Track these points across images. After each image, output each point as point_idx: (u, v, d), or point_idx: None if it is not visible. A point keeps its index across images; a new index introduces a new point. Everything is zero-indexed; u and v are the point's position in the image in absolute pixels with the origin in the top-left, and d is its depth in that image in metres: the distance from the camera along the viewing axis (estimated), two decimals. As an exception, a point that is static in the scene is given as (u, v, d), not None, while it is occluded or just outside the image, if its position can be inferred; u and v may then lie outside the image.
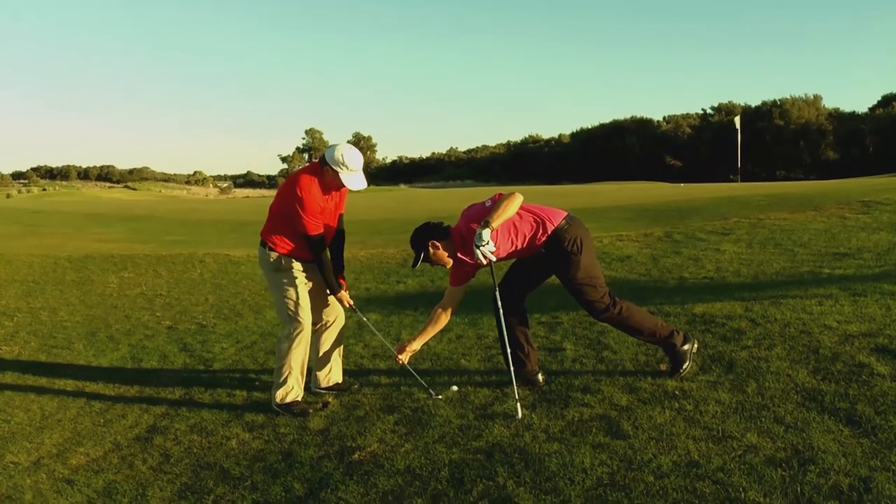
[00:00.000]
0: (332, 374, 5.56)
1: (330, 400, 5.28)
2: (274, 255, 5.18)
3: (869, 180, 29.77)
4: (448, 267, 5.11)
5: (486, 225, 4.68)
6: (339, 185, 5.06)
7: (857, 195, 16.36)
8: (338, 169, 4.96)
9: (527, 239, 4.91)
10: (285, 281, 5.19)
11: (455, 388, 5.25)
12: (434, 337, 6.73)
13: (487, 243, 4.67)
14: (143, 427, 5.17)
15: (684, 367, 5.04)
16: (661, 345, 5.14)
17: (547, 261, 5.01)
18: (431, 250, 4.93)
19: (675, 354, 5.07)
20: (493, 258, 4.78)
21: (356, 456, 4.25)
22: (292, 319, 5.18)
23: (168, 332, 8.16)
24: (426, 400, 5.06)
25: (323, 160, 5.04)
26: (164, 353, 7.12)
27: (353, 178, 5.04)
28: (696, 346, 5.22)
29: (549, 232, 4.89)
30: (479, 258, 4.71)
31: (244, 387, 5.84)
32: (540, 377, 5.23)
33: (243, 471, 4.26)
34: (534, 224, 4.92)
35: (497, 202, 4.79)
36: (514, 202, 4.77)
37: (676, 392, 4.73)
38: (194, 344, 7.43)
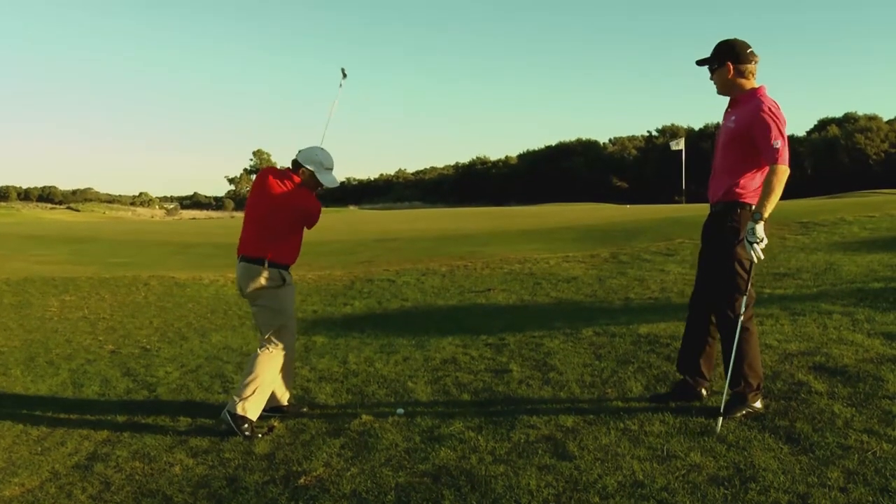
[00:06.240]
0: (280, 396, 5.50)
1: (275, 424, 5.22)
2: (276, 271, 5.23)
3: (807, 202, 30.53)
4: (718, 91, 4.68)
5: (759, 219, 4.22)
6: (316, 183, 5.29)
7: (796, 216, 16.76)
8: (314, 168, 5.23)
9: None
10: (286, 296, 5.32)
11: (401, 410, 5.23)
12: (381, 359, 6.75)
13: (762, 240, 4.23)
14: (82, 454, 5.03)
15: (735, 414, 4.50)
16: (742, 387, 4.55)
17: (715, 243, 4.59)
18: (725, 70, 4.53)
19: (743, 402, 4.56)
20: (762, 256, 4.30)
21: (302, 480, 4.20)
22: (285, 336, 5.28)
23: (111, 356, 8.00)
24: (372, 423, 5.03)
25: (296, 163, 5.26)
26: (107, 378, 6.96)
27: (328, 175, 5.32)
28: (760, 406, 4.60)
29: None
30: (750, 255, 4.26)
31: (188, 411, 5.74)
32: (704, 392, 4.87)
33: (187, 497, 4.17)
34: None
35: (765, 184, 4.28)
36: (782, 179, 4.25)
37: (621, 412, 4.78)
38: (138, 368, 7.29)
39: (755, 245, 4.24)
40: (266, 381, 5.17)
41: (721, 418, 4.39)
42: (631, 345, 6.47)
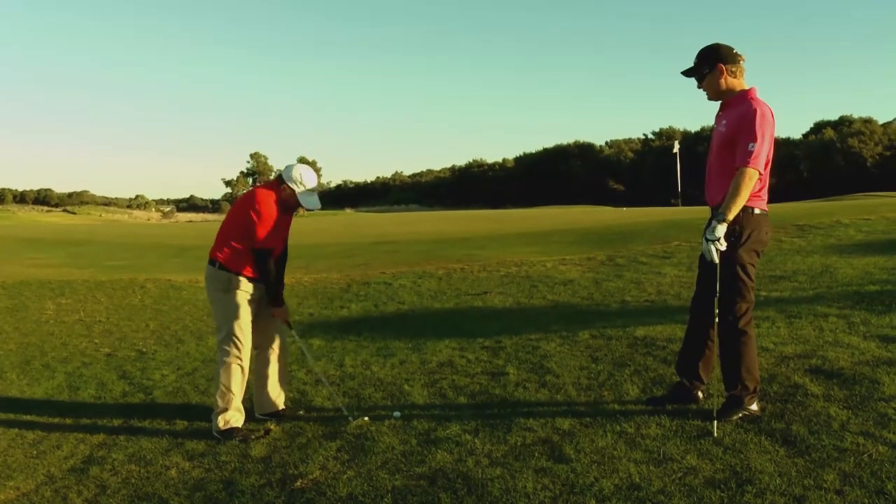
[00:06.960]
0: (276, 399, 5.50)
1: (272, 427, 5.21)
2: (225, 274, 5.15)
3: (803, 204, 30.63)
4: (710, 98, 4.67)
5: (722, 220, 4.24)
6: (295, 203, 5.17)
7: (792, 219, 16.78)
8: (295, 187, 5.11)
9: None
10: (233, 302, 5.16)
11: (398, 413, 5.23)
12: (377, 362, 6.74)
13: (719, 240, 4.26)
14: (78, 458, 5.02)
15: (732, 417, 4.51)
16: (739, 390, 4.58)
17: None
18: (717, 75, 4.53)
19: (739, 405, 4.57)
20: (716, 259, 4.31)
21: (298, 484, 4.20)
22: (234, 343, 5.15)
23: (107, 359, 7.98)
24: (369, 426, 5.03)
25: (280, 178, 5.17)
26: (103, 381, 6.95)
27: (310, 197, 5.19)
28: (756, 409, 4.61)
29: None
30: (706, 253, 4.32)
31: (185, 414, 5.73)
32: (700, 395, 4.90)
33: (183, 501, 4.17)
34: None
35: (731, 187, 4.27)
36: (749, 183, 4.26)
37: (618, 415, 4.77)
38: (134, 371, 7.27)
39: (713, 244, 4.29)
40: (233, 390, 5.15)
41: (717, 421, 4.39)
42: (627, 347, 6.47)
